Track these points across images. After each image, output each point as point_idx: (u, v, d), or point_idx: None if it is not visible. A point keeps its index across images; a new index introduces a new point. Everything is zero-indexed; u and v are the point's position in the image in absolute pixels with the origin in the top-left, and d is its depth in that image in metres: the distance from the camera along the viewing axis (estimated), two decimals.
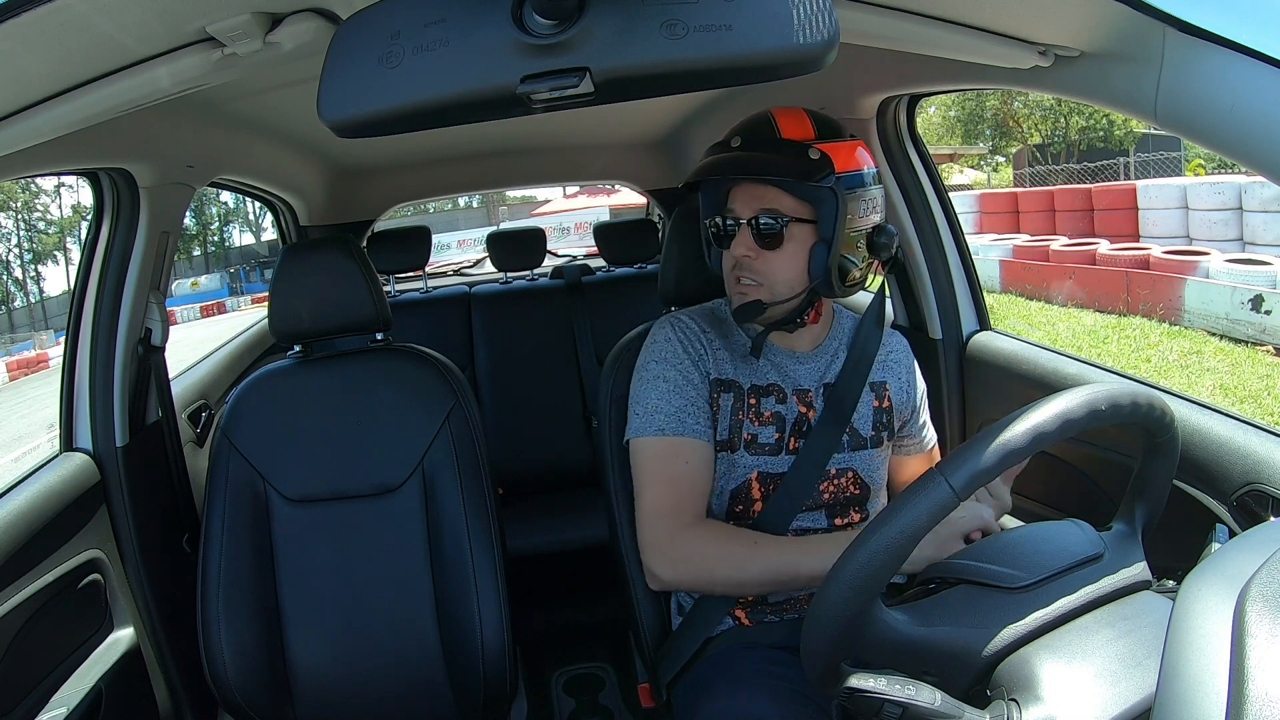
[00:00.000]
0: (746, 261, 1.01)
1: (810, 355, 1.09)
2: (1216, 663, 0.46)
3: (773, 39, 0.51)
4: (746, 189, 1.02)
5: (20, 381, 16.01)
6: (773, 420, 1.06)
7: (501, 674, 1.19)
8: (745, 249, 1.01)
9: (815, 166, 0.96)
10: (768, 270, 1.01)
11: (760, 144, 1.00)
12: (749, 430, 1.05)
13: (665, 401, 1.03)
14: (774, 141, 1.00)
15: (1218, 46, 0.64)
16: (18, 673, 1.07)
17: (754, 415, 1.05)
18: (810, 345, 1.10)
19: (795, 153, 0.97)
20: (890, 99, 1.38)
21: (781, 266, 1.01)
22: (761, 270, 1.01)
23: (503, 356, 2.30)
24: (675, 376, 1.04)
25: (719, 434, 1.05)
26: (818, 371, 1.09)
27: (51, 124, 0.74)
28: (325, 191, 2.32)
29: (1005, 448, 0.64)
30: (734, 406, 1.05)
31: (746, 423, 1.05)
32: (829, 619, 0.64)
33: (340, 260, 1.26)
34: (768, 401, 1.06)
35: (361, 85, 0.55)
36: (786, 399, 1.06)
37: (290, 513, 1.24)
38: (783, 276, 1.01)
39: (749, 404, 1.06)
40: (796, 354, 1.09)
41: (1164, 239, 8.78)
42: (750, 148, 1.00)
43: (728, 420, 1.05)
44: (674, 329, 1.08)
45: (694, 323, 1.09)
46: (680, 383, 1.04)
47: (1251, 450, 0.90)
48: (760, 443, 1.05)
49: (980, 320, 1.48)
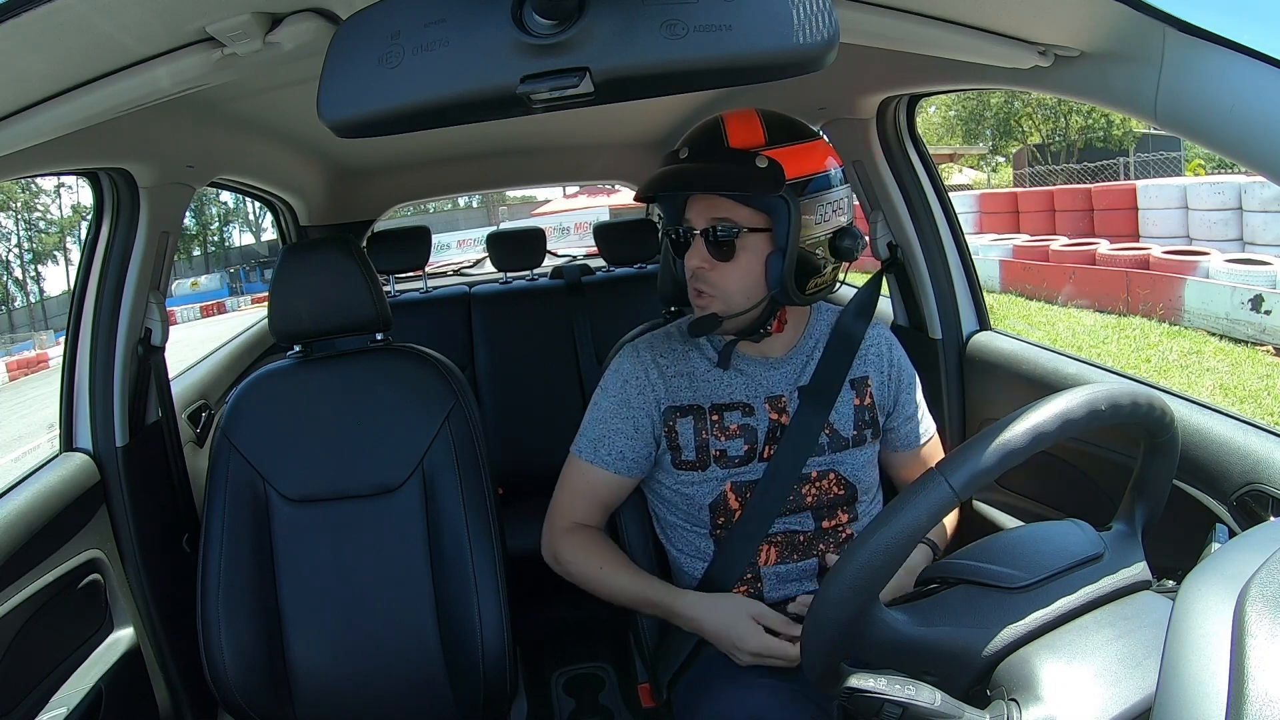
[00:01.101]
0: (701, 273, 1.00)
1: (783, 360, 1.09)
2: (1216, 663, 0.46)
3: (773, 39, 0.51)
4: (700, 200, 1.00)
5: (20, 381, 16.01)
6: (740, 433, 1.05)
7: (501, 674, 1.19)
8: (700, 260, 1.00)
9: (763, 176, 0.93)
10: (721, 281, 1.00)
11: (708, 154, 0.97)
12: (716, 446, 1.05)
13: (590, 427, 1.11)
14: (722, 151, 0.96)
15: (1218, 46, 0.64)
16: (18, 673, 1.07)
17: (719, 431, 1.05)
18: (783, 350, 1.09)
19: (742, 161, 0.94)
20: (890, 99, 1.38)
21: (736, 277, 0.99)
22: (715, 281, 1.00)
23: (503, 356, 2.29)
24: (607, 406, 1.10)
25: (684, 455, 1.06)
26: (791, 375, 1.08)
27: (51, 124, 0.74)
28: (325, 191, 2.32)
29: (1005, 448, 0.65)
30: (696, 427, 1.06)
31: (713, 440, 1.05)
32: (829, 619, 0.64)
33: (340, 260, 1.26)
34: (732, 415, 1.06)
35: (361, 85, 0.55)
36: (754, 411, 1.06)
37: (290, 513, 1.24)
38: (737, 287, 0.99)
39: (711, 421, 1.06)
40: (769, 359, 1.08)
41: (1164, 239, 8.78)
42: (698, 158, 0.98)
43: (692, 441, 1.06)
44: (626, 360, 1.11)
45: (650, 352, 1.10)
46: (609, 414, 1.09)
47: (1251, 450, 0.90)
48: (730, 456, 1.05)
49: (980, 320, 1.48)
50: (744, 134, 0.97)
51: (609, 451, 1.08)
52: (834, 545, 1.07)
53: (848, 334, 1.10)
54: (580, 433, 1.12)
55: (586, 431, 1.11)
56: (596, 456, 1.09)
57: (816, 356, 1.10)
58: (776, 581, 1.05)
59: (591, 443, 1.09)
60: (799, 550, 1.05)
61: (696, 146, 0.99)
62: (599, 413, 1.10)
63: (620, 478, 1.09)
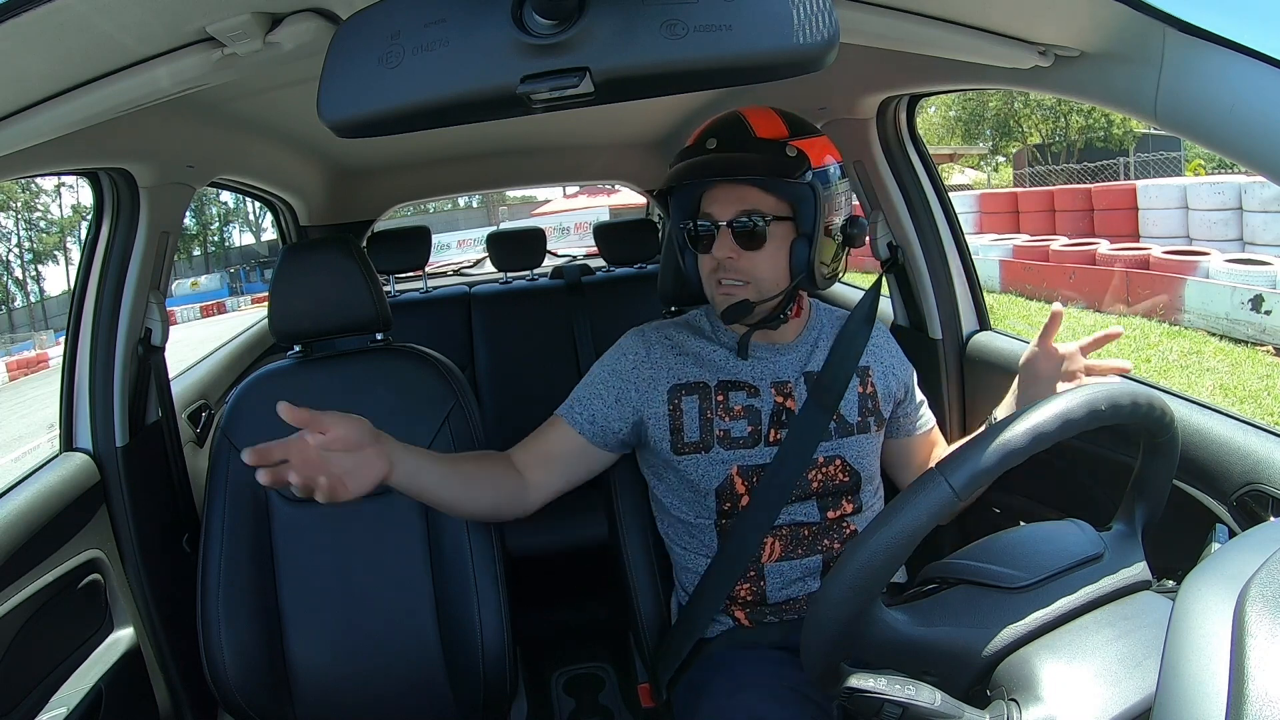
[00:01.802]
0: (730, 263, 1.02)
1: (791, 346, 1.11)
2: (1216, 663, 0.46)
3: (773, 39, 0.51)
4: (724, 191, 1.01)
5: (20, 381, 16.01)
6: (744, 414, 1.06)
7: (501, 674, 1.19)
8: (728, 251, 1.01)
9: (793, 164, 0.97)
10: (753, 269, 1.01)
11: (736, 144, 1.00)
12: (720, 426, 1.06)
13: (578, 389, 1.12)
14: (750, 141, 1.00)
15: (1218, 46, 0.64)
16: (18, 673, 1.07)
17: (724, 411, 1.06)
18: (792, 336, 1.11)
19: (773, 151, 0.98)
20: (890, 99, 1.38)
21: (765, 265, 1.01)
22: (746, 269, 1.01)
23: (503, 356, 2.29)
24: (598, 374, 1.12)
25: (687, 436, 1.06)
26: (799, 361, 1.10)
27: (51, 124, 0.74)
28: (325, 191, 2.32)
29: (1005, 448, 0.65)
30: (701, 406, 1.06)
31: (717, 419, 1.06)
32: (829, 619, 0.64)
33: (340, 260, 1.26)
34: (737, 395, 1.07)
35: (361, 85, 0.55)
36: (759, 393, 1.07)
37: (290, 513, 1.24)
38: (768, 274, 1.02)
39: (716, 400, 1.07)
40: (777, 346, 1.10)
41: (1164, 239, 8.78)
42: (727, 149, 1.00)
43: (696, 420, 1.06)
44: (630, 337, 1.13)
45: (658, 334, 1.12)
46: (596, 380, 1.11)
47: (1251, 450, 0.90)
48: (734, 437, 1.06)
49: (980, 320, 1.48)
50: (768, 126, 1.01)
51: (581, 412, 1.09)
52: (839, 541, 1.07)
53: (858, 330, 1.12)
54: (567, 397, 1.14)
55: (572, 394, 1.13)
56: (569, 413, 1.10)
57: (822, 345, 1.11)
58: (779, 579, 1.05)
59: (570, 403, 1.11)
60: (804, 545, 1.05)
61: (724, 137, 1.01)
62: (588, 378, 1.12)
63: (582, 440, 1.09)
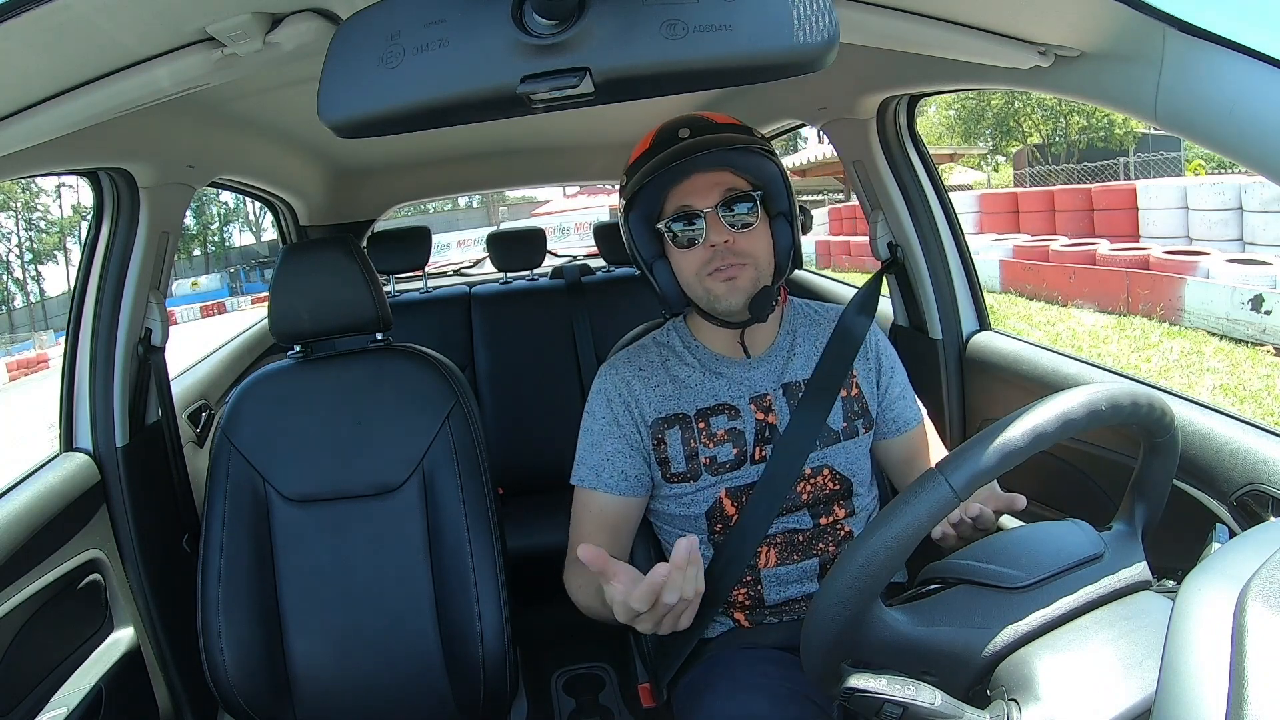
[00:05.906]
0: (728, 246, 0.99)
1: (763, 359, 1.08)
2: (1216, 663, 0.46)
3: (773, 39, 0.51)
4: (702, 178, 0.99)
5: (20, 381, 16.01)
6: (728, 438, 1.05)
7: (501, 674, 1.19)
8: (723, 235, 0.99)
9: (760, 140, 1.01)
10: (751, 248, 1.00)
11: (706, 130, 1.01)
12: (705, 454, 1.05)
13: (586, 454, 1.08)
14: (715, 126, 1.02)
15: (1218, 46, 0.64)
16: (18, 673, 1.07)
17: (706, 438, 1.05)
18: (763, 347, 1.09)
19: (739, 130, 1.01)
20: (890, 99, 1.38)
21: (762, 244, 1.01)
22: (746, 249, 1.00)
23: (503, 356, 2.29)
24: (598, 430, 1.08)
25: (674, 467, 1.05)
26: (774, 373, 1.08)
27: (51, 124, 0.74)
28: (325, 191, 2.32)
29: (1005, 448, 0.64)
30: (684, 437, 1.05)
31: (701, 448, 1.05)
32: (829, 619, 0.64)
33: (340, 260, 1.26)
34: (718, 420, 1.05)
35: (361, 85, 0.54)
36: (739, 413, 1.06)
37: (290, 513, 1.24)
38: (764, 252, 1.01)
39: (698, 429, 1.05)
40: (748, 360, 1.08)
41: (1164, 239, 8.77)
42: (700, 134, 1.01)
43: (680, 451, 1.05)
44: (606, 379, 1.10)
45: (628, 368, 1.09)
46: (601, 436, 1.07)
47: (1251, 450, 0.90)
48: (720, 462, 1.04)
49: (980, 320, 1.48)
50: (722, 118, 1.05)
51: (610, 474, 1.06)
52: (834, 544, 1.07)
53: (849, 332, 1.10)
54: (577, 461, 1.09)
55: (584, 459, 1.08)
56: (599, 482, 1.06)
57: (797, 352, 1.09)
58: (776, 583, 1.05)
59: (591, 469, 1.07)
60: (799, 550, 1.05)
61: (694, 126, 1.02)
62: (591, 438, 1.08)
63: (626, 499, 1.06)
